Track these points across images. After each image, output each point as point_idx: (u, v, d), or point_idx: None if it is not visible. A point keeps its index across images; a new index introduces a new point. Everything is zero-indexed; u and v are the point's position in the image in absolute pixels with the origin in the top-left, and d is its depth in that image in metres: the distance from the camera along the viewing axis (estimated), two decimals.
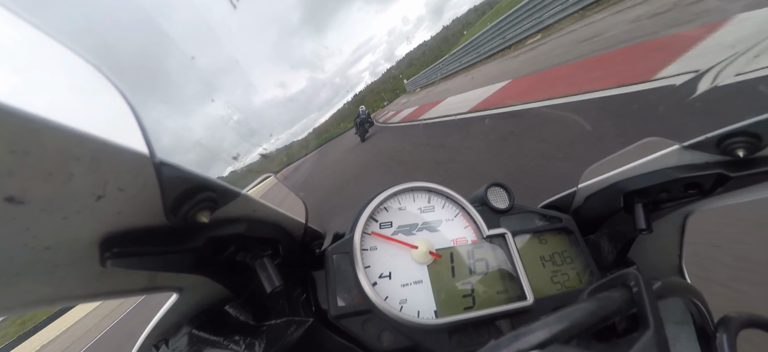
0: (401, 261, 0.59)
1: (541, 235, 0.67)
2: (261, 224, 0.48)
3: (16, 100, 0.19)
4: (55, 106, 0.21)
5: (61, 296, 0.32)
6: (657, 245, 0.67)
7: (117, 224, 0.31)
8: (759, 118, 0.42)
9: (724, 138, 0.45)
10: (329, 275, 0.56)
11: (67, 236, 0.27)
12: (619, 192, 0.60)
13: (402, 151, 8.35)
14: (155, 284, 0.42)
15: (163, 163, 0.29)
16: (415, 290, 0.56)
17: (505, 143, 4.88)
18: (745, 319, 0.43)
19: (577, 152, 3.31)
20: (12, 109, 0.19)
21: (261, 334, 0.53)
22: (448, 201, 0.68)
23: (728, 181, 0.47)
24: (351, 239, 0.58)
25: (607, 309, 0.33)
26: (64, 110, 0.22)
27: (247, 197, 0.41)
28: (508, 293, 0.59)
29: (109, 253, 0.30)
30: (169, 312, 0.51)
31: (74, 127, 0.22)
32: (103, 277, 0.34)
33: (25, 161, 0.21)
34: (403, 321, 0.52)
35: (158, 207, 0.32)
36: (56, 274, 0.29)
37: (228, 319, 0.56)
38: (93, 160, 0.24)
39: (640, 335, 0.30)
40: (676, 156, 0.52)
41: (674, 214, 0.61)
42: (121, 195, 0.28)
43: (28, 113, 0.19)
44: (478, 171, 4.31)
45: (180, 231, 0.37)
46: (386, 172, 6.92)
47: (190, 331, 0.51)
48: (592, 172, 0.67)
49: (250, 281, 0.55)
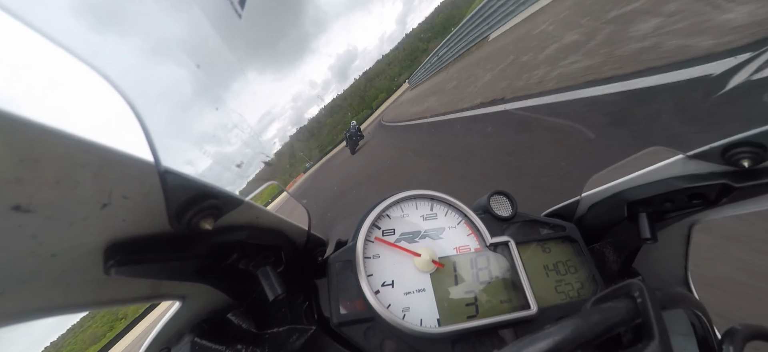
0: (404, 269, 0.59)
1: (545, 243, 0.67)
2: (264, 231, 0.48)
3: (24, 109, 0.19)
4: (62, 115, 0.22)
5: (66, 304, 0.32)
6: (662, 255, 0.67)
7: (121, 231, 0.31)
8: (764, 128, 0.41)
9: (728, 148, 0.45)
10: (332, 282, 0.56)
11: (73, 243, 0.28)
12: (623, 201, 0.60)
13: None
14: (159, 291, 0.42)
15: (168, 172, 0.30)
16: (418, 298, 0.56)
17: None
18: (751, 331, 0.42)
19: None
20: (20, 118, 0.19)
21: (263, 342, 0.53)
22: (450, 209, 0.68)
23: (733, 191, 0.47)
24: (354, 246, 0.58)
25: (611, 320, 0.33)
26: (70, 119, 0.22)
27: (250, 204, 0.41)
28: (512, 302, 0.58)
29: (113, 261, 0.31)
30: (171, 320, 0.51)
31: (81, 136, 0.22)
32: (107, 285, 0.34)
33: (33, 169, 0.21)
34: (405, 329, 0.52)
35: (162, 214, 0.33)
36: (61, 281, 0.30)
37: (230, 327, 0.56)
38: (99, 168, 0.24)
39: (645, 347, 0.30)
40: (680, 166, 0.52)
41: (679, 224, 0.60)
42: (126, 203, 0.28)
43: (36, 122, 0.20)
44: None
45: (183, 238, 0.37)
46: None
47: (192, 339, 0.51)
48: (596, 181, 0.67)
49: (253, 289, 0.55)
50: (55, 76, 0.24)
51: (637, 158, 0.61)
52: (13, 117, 0.19)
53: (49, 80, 0.24)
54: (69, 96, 0.25)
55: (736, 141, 0.44)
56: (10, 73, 0.21)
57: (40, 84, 0.23)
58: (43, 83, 0.24)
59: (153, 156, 0.28)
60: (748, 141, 0.43)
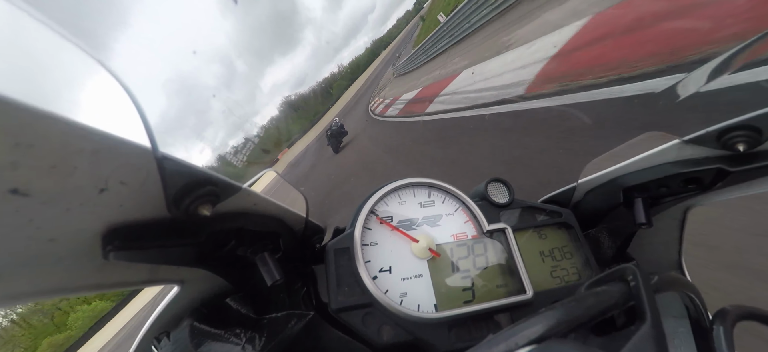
0: (401, 255, 0.59)
1: (541, 230, 0.67)
2: (262, 218, 0.48)
3: (20, 94, 0.19)
4: (59, 100, 0.22)
5: (65, 287, 0.32)
6: (657, 240, 0.68)
7: (119, 217, 0.31)
8: (759, 112, 0.41)
9: (724, 132, 0.45)
10: (330, 269, 0.56)
11: (71, 228, 0.28)
12: (619, 187, 0.60)
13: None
14: (157, 276, 0.42)
15: (166, 158, 0.30)
16: (415, 283, 0.57)
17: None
18: (742, 312, 0.43)
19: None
20: (16, 102, 0.19)
21: (262, 327, 0.54)
22: (448, 196, 0.68)
23: (728, 175, 0.47)
24: (352, 233, 0.58)
25: (604, 303, 0.33)
26: (67, 104, 0.22)
27: (248, 191, 0.41)
28: (508, 287, 0.59)
29: (111, 246, 0.31)
30: (170, 304, 0.51)
31: (78, 121, 0.22)
32: (106, 268, 0.34)
33: (28, 154, 0.21)
34: (403, 315, 0.52)
35: (160, 200, 0.33)
36: (60, 265, 0.30)
37: (229, 312, 0.56)
38: (96, 154, 0.24)
39: (638, 328, 0.30)
40: (676, 150, 0.52)
41: (674, 208, 0.61)
42: (124, 188, 0.28)
43: (32, 106, 0.20)
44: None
45: (181, 224, 0.37)
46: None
47: (191, 323, 0.52)
48: (593, 168, 0.67)
49: (251, 275, 0.55)
50: (51, 61, 0.24)
51: (632, 144, 0.61)
52: (7, 101, 0.19)
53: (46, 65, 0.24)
54: (65, 81, 0.25)
55: (732, 125, 0.44)
56: (4, 57, 0.21)
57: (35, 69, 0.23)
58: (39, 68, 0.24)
59: (150, 142, 0.28)
60: (743, 125, 0.43)
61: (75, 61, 0.24)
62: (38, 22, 0.22)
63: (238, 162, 35.33)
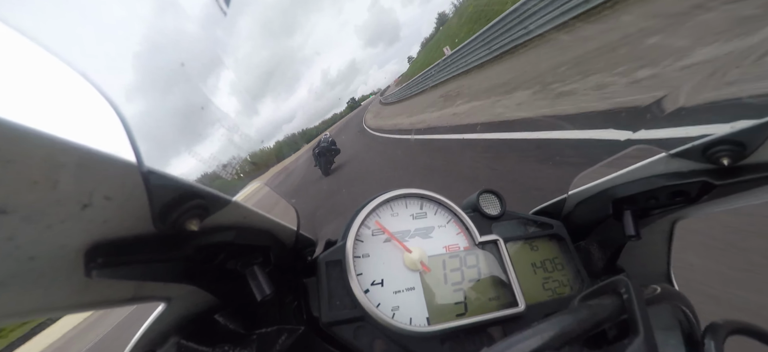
0: (393, 268, 0.58)
1: (533, 241, 0.68)
2: (252, 231, 0.47)
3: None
4: (40, 115, 0.21)
5: (45, 306, 0.31)
6: (646, 252, 0.68)
7: (103, 233, 0.30)
8: (743, 127, 0.42)
9: (709, 146, 0.46)
10: (321, 282, 0.55)
11: (52, 245, 0.27)
12: (609, 199, 0.61)
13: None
14: (142, 294, 0.41)
15: (151, 172, 0.29)
16: (408, 297, 0.56)
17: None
18: (733, 326, 0.43)
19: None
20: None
21: (251, 343, 0.52)
22: (440, 207, 0.68)
23: (713, 188, 0.48)
24: (343, 246, 0.58)
25: (598, 316, 0.33)
26: (49, 118, 0.21)
27: (237, 204, 0.40)
28: (500, 299, 0.59)
29: (94, 263, 0.30)
30: (156, 322, 0.49)
31: (59, 136, 0.21)
32: (89, 287, 0.33)
33: (7, 170, 0.20)
34: (395, 328, 0.52)
35: (146, 216, 0.32)
36: (40, 284, 0.29)
37: (217, 328, 0.55)
38: (79, 169, 0.23)
39: (630, 342, 0.30)
40: (663, 164, 0.53)
41: (662, 221, 0.62)
42: (108, 204, 0.28)
43: (10, 122, 0.19)
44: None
45: (168, 239, 0.36)
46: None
47: (178, 341, 0.50)
48: (583, 179, 0.68)
49: (241, 289, 0.54)
50: (30, 74, 0.23)
51: (621, 157, 0.62)
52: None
53: (24, 78, 0.23)
54: (47, 95, 0.24)
55: (717, 139, 0.45)
56: None
57: (14, 83, 0.23)
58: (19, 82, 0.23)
59: (136, 156, 0.27)
60: (728, 139, 0.44)
61: (56, 73, 0.24)
62: (16, 33, 0.21)
63: (228, 175, 34.22)
